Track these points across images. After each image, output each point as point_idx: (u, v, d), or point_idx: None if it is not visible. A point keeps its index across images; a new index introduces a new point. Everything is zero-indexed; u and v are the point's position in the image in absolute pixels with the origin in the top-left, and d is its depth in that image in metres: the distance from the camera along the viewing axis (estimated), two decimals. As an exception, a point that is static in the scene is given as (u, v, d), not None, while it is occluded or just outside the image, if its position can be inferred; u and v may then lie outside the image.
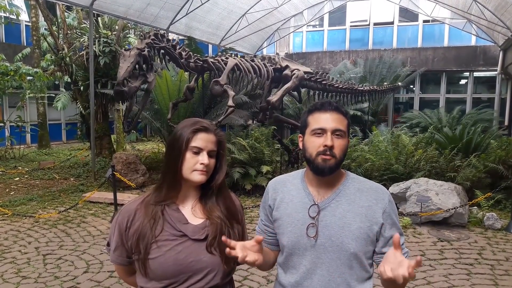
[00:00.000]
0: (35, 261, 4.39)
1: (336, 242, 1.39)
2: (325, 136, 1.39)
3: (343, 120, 1.42)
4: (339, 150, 1.40)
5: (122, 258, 1.43)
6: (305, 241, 1.42)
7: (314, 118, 1.43)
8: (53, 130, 15.03)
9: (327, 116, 1.41)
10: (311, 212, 1.43)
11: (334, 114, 1.41)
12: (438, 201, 5.62)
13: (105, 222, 5.80)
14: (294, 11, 16.09)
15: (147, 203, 1.41)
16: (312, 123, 1.43)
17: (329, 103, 1.44)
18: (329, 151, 1.38)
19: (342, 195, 1.44)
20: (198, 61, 7.30)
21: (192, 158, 1.37)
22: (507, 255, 4.63)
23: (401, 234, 1.40)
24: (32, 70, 10.35)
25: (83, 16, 11.51)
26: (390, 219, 1.42)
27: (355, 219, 1.39)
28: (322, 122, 1.40)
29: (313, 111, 1.45)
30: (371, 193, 1.44)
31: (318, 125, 1.41)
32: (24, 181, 8.67)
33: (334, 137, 1.39)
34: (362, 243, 1.39)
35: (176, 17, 11.51)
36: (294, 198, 1.49)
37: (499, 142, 8.16)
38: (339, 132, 1.40)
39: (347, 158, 7.26)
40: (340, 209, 1.41)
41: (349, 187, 1.46)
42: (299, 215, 1.44)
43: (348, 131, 1.45)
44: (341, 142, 1.41)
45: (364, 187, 1.46)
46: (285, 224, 1.47)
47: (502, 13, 10.50)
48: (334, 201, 1.43)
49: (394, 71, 14.80)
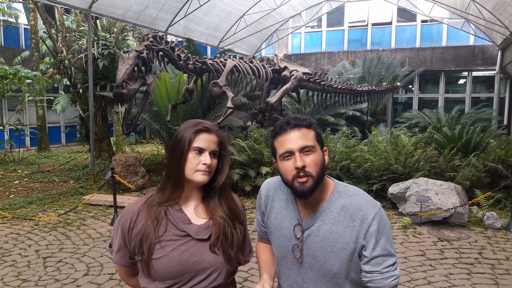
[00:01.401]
0: (35, 264, 4.39)
1: (319, 262, 1.40)
2: (294, 157, 1.34)
3: (308, 133, 1.37)
4: (313, 166, 1.34)
5: (125, 259, 1.44)
6: (291, 257, 1.46)
7: (278, 142, 1.39)
8: (52, 133, 15.03)
9: (290, 136, 1.36)
10: (296, 232, 1.43)
11: (296, 131, 1.36)
12: (438, 200, 5.63)
13: (105, 225, 5.79)
14: (292, 12, 16.12)
15: (150, 204, 1.42)
16: (278, 148, 1.39)
17: (287, 123, 1.38)
18: (302, 172, 1.33)
19: (326, 214, 1.40)
20: (196, 62, 7.31)
21: (195, 158, 1.38)
22: (507, 254, 4.63)
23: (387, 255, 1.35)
24: (31, 73, 10.34)
25: (81, 19, 11.52)
26: (373, 239, 1.34)
27: (338, 240, 1.36)
28: (287, 144, 1.35)
29: (276, 136, 1.40)
30: (356, 212, 1.37)
31: (284, 148, 1.36)
32: (24, 184, 8.67)
33: (303, 155, 1.34)
34: (346, 263, 1.37)
35: (175, 19, 11.53)
36: (283, 210, 1.49)
37: (499, 141, 8.16)
38: (307, 148, 1.35)
39: (347, 159, 7.27)
40: (324, 229, 1.39)
41: (334, 204, 1.40)
42: (286, 231, 1.46)
43: (318, 141, 1.39)
44: (313, 158, 1.35)
45: (350, 204, 1.39)
46: (274, 236, 1.52)
47: (500, 13, 10.52)
48: (318, 220, 1.40)
49: (392, 71, 14.82)
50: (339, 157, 7.36)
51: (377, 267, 1.34)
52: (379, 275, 1.34)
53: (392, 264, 1.36)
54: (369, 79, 14.57)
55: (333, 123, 11.85)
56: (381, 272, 1.34)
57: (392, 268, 1.36)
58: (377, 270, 1.34)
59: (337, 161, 7.27)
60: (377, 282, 1.35)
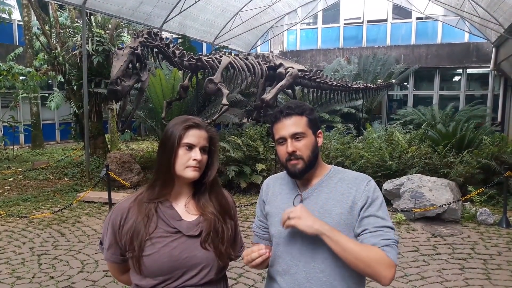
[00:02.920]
0: (29, 262, 4.38)
1: None
2: (286, 143, 1.48)
3: (299, 121, 1.49)
4: (304, 150, 1.47)
5: (116, 256, 1.44)
6: (290, 229, 1.46)
7: (275, 129, 1.53)
8: (46, 130, 14.94)
9: (283, 124, 1.49)
10: (295, 202, 1.51)
11: (288, 119, 1.49)
12: (432, 197, 5.67)
13: (100, 222, 5.78)
14: (288, 9, 16.10)
15: (140, 201, 1.42)
16: (275, 134, 1.53)
17: (280, 111, 1.51)
18: (293, 156, 1.47)
19: (325, 185, 1.50)
20: (192, 59, 7.30)
21: (185, 154, 1.38)
22: (499, 249, 4.68)
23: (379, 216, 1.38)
24: (25, 70, 10.26)
25: (75, 15, 11.43)
26: (368, 201, 1.41)
27: (336, 206, 1.44)
28: (280, 131, 1.49)
29: (273, 123, 1.53)
30: (352, 181, 1.48)
31: (278, 135, 1.50)
32: (18, 181, 8.62)
33: (294, 141, 1.47)
34: (344, 229, 1.40)
35: (170, 15, 11.48)
36: (283, 191, 1.58)
37: (492, 138, 8.23)
38: (297, 135, 1.47)
39: (342, 155, 7.29)
40: (322, 197, 1.48)
41: (331, 178, 1.52)
42: (286, 206, 1.51)
43: (311, 127, 1.50)
44: (304, 142, 1.47)
45: (346, 176, 1.51)
46: (273, 215, 1.55)
47: (495, 10, 10.57)
48: (316, 190, 1.50)
49: (387, 69, 14.87)
50: (334, 154, 7.39)
51: (367, 226, 1.37)
52: (368, 233, 1.35)
53: (384, 226, 1.36)
54: (364, 76, 14.61)
55: (328, 120, 11.88)
56: (371, 231, 1.35)
57: (385, 229, 1.35)
58: (367, 229, 1.36)
59: (332, 157, 7.30)
60: (367, 241, 1.34)
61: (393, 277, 1.31)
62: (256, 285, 3.80)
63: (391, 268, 1.30)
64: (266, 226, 1.61)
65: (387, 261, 1.30)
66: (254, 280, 3.90)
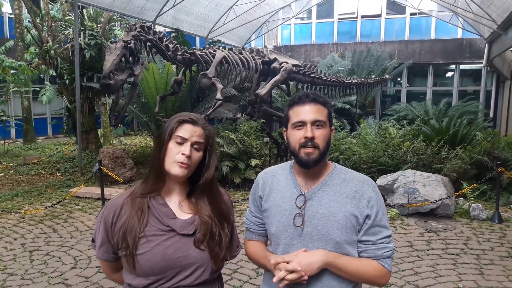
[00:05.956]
0: (21, 258, 4.33)
1: (321, 231, 1.41)
2: (305, 128, 1.42)
3: (322, 110, 1.45)
4: (321, 140, 1.43)
5: (108, 254, 1.40)
6: (292, 230, 1.45)
7: (294, 112, 1.47)
8: (38, 124, 14.77)
9: (305, 108, 1.44)
10: (298, 202, 1.46)
11: (312, 105, 1.44)
12: (425, 192, 5.69)
13: (93, 217, 5.74)
14: (282, 3, 16.02)
15: (133, 196, 1.39)
16: (292, 117, 1.46)
17: (306, 95, 1.46)
18: (310, 142, 1.41)
19: (328, 185, 1.47)
20: (185, 53, 7.23)
21: (175, 147, 1.34)
22: (492, 245, 4.72)
23: (383, 226, 1.43)
24: (16, 63, 10.13)
25: (67, 8, 11.29)
26: (373, 209, 1.42)
27: (340, 209, 1.42)
28: (301, 114, 1.44)
29: (293, 105, 1.48)
30: (356, 184, 1.46)
31: (298, 118, 1.44)
32: (9, 176, 8.53)
33: (314, 128, 1.42)
34: (347, 232, 1.41)
35: (163, 9, 11.36)
36: (283, 188, 1.52)
37: (485, 134, 8.28)
38: (318, 122, 1.43)
39: (336, 151, 7.29)
40: (326, 198, 1.44)
41: (335, 178, 1.48)
42: (287, 205, 1.47)
43: (329, 120, 1.47)
44: (322, 132, 1.43)
45: (350, 177, 1.49)
46: (273, 214, 1.51)
47: (488, 6, 10.60)
48: (320, 191, 1.46)
49: (381, 64, 14.87)
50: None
51: (372, 237, 1.41)
52: (372, 245, 1.41)
53: (387, 236, 1.43)
54: (358, 72, 14.60)
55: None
56: (375, 243, 1.41)
57: (387, 240, 1.43)
58: (371, 240, 1.41)
59: (326, 153, 7.29)
60: (370, 252, 1.41)
61: (387, 282, 1.46)
62: (251, 281, 3.79)
63: (386, 276, 1.44)
64: (263, 222, 1.57)
65: (384, 273, 1.43)
66: (249, 276, 3.89)
